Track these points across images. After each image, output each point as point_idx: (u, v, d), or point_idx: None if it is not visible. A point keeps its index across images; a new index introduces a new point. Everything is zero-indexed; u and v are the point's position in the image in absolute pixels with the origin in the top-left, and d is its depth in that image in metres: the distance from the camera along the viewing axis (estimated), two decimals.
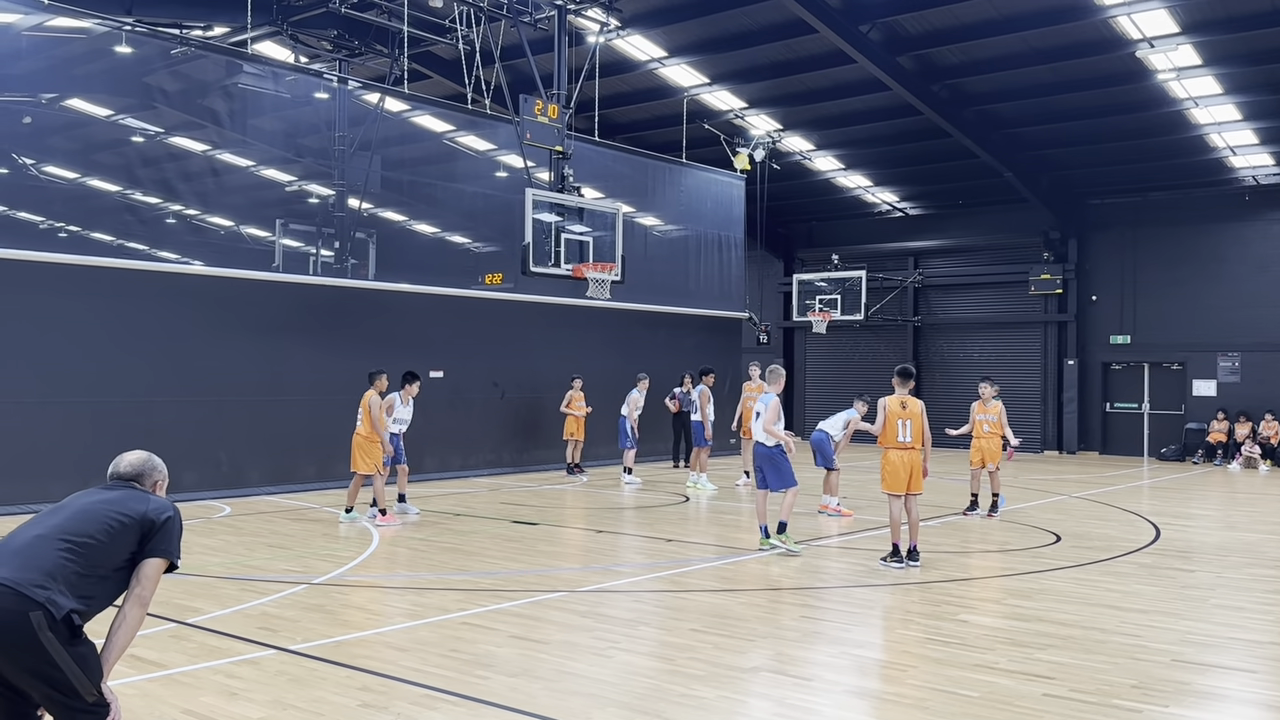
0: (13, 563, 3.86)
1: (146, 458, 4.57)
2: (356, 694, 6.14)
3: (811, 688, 6.43)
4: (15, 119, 15.16)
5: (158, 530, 4.20)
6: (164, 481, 4.61)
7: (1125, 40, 19.35)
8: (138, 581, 4.15)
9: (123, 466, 4.51)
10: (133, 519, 4.17)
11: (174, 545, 4.27)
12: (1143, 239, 26.36)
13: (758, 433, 11.50)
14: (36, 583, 3.79)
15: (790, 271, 31.32)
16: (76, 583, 3.92)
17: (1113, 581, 9.89)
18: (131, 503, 4.25)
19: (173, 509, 4.35)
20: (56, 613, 3.77)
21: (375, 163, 19.08)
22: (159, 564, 4.21)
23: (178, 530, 4.30)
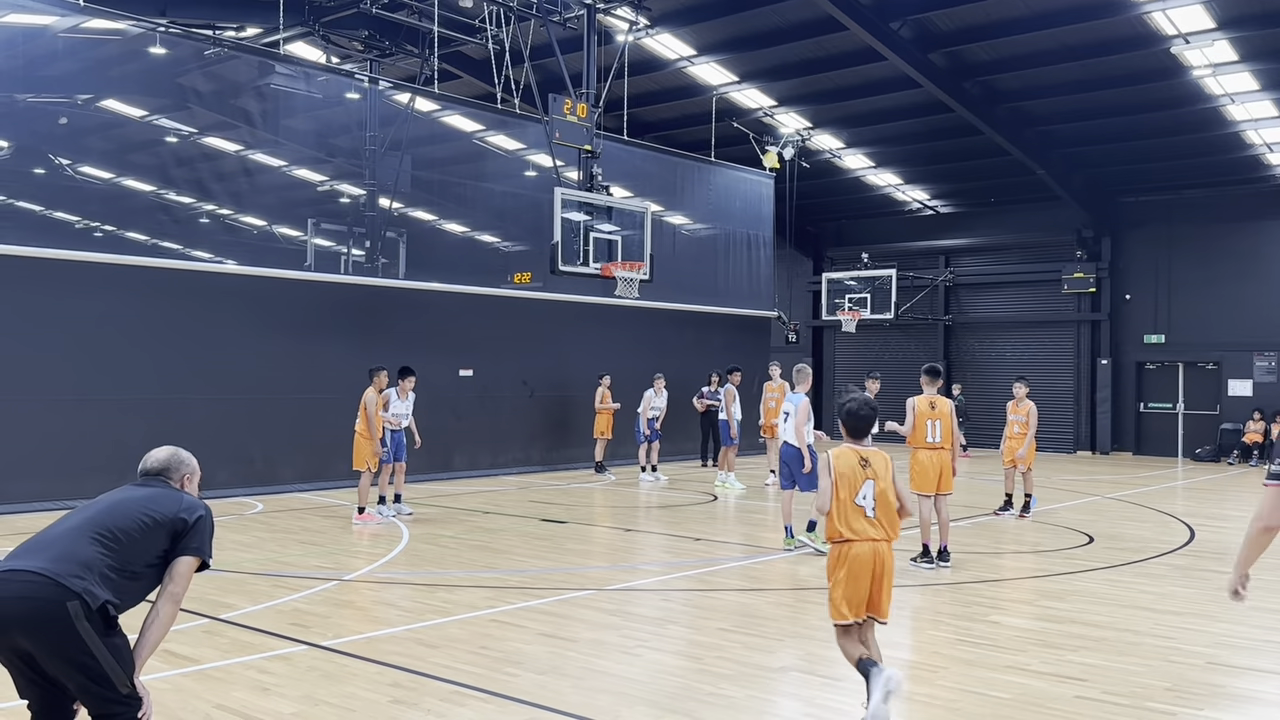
0: (48, 554, 3.91)
1: (173, 453, 4.57)
2: (387, 690, 6.18)
3: (840, 688, 6.40)
4: (52, 120, 15.36)
5: (189, 529, 4.23)
6: (193, 476, 4.61)
7: (1160, 36, 19.13)
8: (170, 579, 4.19)
9: (151, 463, 4.53)
10: (164, 517, 4.20)
11: (206, 544, 4.31)
12: (1177, 237, 26.05)
13: (786, 433, 11.46)
14: (73, 573, 3.84)
15: (819, 270, 31.21)
16: (110, 576, 3.96)
17: (1146, 583, 9.79)
18: (163, 501, 4.28)
19: (204, 508, 4.37)
20: (93, 603, 3.82)
21: (406, 162, 19.18)
22: (191, 562, 4.25)
23: (209, 529, 4.33)
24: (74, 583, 3.82)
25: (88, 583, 3.85)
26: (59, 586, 3.79)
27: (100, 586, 3.89)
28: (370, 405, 13.07)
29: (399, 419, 13.91)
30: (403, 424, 13.97)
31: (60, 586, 3.79)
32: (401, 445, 13.91)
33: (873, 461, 5.81)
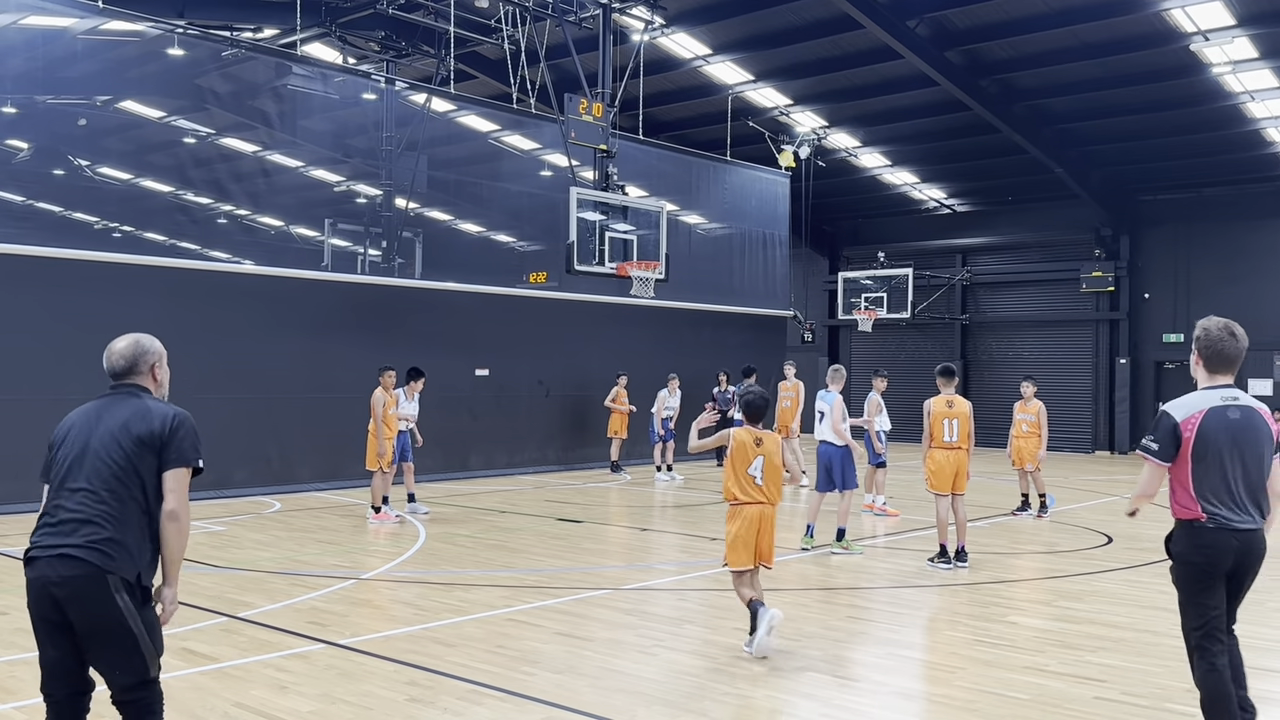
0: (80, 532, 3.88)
1: (133, 342, 4.28)
2: (404, 688, 6.19)
3: (858, 689, 6.39)
4: (71, 121, 15.47)
5: (168, 440, 4.01)
6: (160, 360, 4.32)
7: (1179, 34, 19.01)
8: (163, 497, 4.01)
9: (115, 360, 4.25)
10: (143, 441, 3.99)
11: (188, 449, 4.05)
12: (1197, 235, 25.88)
13: (823, 432, 11.44)
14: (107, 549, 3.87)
15: (835, 269, 31.13)
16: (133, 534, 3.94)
17: (1166, 584, 9.59)
18: (134, 424, 4.02)
19: (177, 413, 4.09)
20: (128, 574, 3.89)
21: (422, 162, 19.24)
22: (177, 473, 4.02)
23: (190, 432, 4.07)
24: (108, 561, 3.85)
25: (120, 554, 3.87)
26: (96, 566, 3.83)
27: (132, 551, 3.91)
28: (378, 405, 13.05)
29: (408, 421, 13.88)
30: (411, 424, 13.95)
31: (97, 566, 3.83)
32: (408, 446, 13.90)
33: (765, 441, 7.25)
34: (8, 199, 14.76)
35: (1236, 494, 4.82)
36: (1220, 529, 4.80)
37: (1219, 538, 4.81)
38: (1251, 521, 4.84)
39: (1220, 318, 5.08)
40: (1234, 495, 4.81)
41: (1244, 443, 4.83)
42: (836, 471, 11.32)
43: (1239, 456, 4.82)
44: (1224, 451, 4.81)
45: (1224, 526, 4.80)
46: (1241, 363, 4.98)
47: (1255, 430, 4.87)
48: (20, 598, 8.50)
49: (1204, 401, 4.92)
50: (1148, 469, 4.99)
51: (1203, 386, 5.04)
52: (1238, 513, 4.82)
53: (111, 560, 3.86)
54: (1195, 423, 4.86)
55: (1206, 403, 4.91)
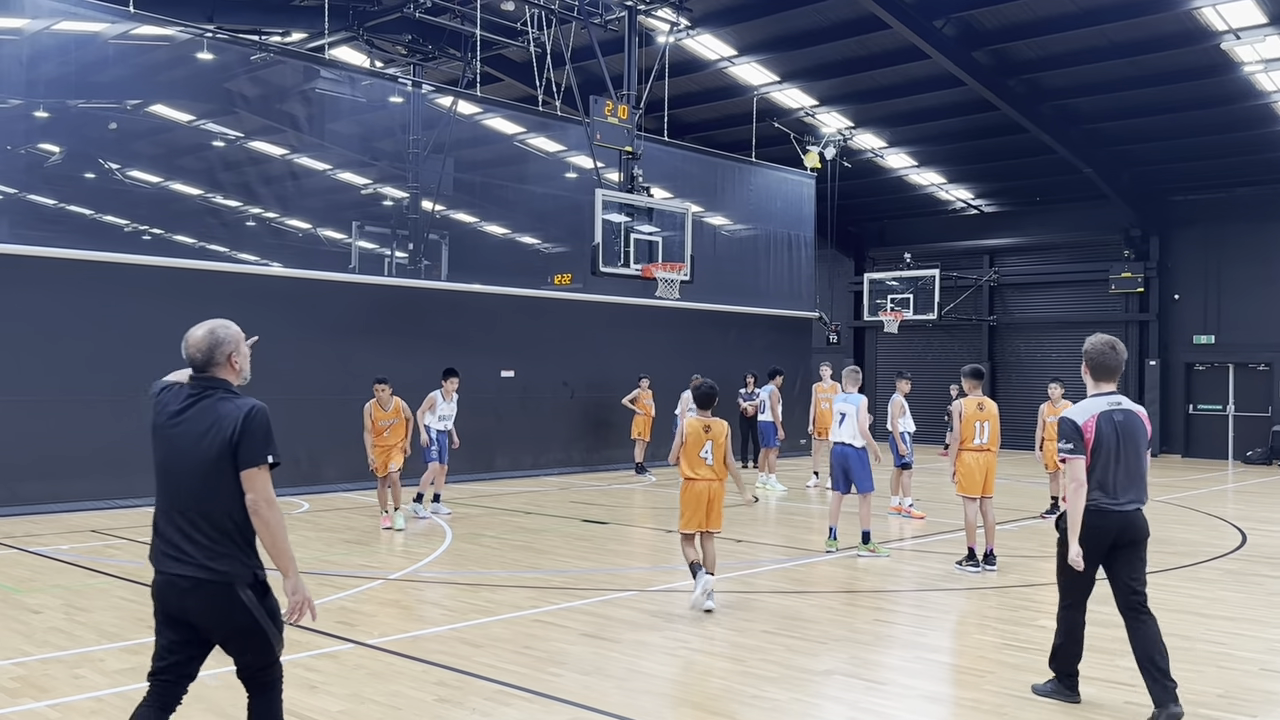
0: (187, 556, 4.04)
1: (209, 332, 4.28)
2: (433, 689, 6.22)
3: (886, 692, 6.37)
4: (102, 125, 15.63)
5: (240, 442, 4.04)
6: (238, 347, 4.35)
7: (1210, 32, 18.83)
8: (245, 495, 4.05)
9: (191, 352, 4.25)
10: (222, 455, 4.04)
11: (259, 446, 4.06)
12: (1228, 236, 25.61)
13: (844, 434, 11.38)
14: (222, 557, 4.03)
15: (861, 271, 31.03)
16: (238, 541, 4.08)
17: (1197, 588, 9.64)
18: (212, 439, 4.05)
19: (249, 411, 4.11)
20: (245, 578, 4.06)
21: (448, 165, 19.33)
22: (254, 473, 4.05)
23: (260, 427, 4.09)
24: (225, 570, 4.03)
25: (233, 559, 4.05)
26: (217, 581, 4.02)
27: (244, 555, 4.08)
28: (366, 416, 12.96)
29: (446, 420, 13.87)
30: (448, 425, 13.96)
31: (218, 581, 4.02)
32: (444, 447, 13.91)
33: (713, 427, 8.50)
34: (40, 202, 14.94)
35: (1120, 482, 5.84)
36: (1103, 511, 5.82)
37: (1102, 519, 5.83)
38: (1130, 504, 5.87)
39: (1105, 335, 6.13)
40: (1117, 483, 5.83)
41: (1127, 440, 5.87)
42: (854, 473, 11.23)
43: (1124, 452, 5.85)
44: (1113, 448, 5.83)
45: (1106, 509, 5.83)
46: (1122, 371, 6.04)
47: (1136, 430, 5.93)
48: (54, 597, 8.61)
49: (1095, 407, 5.92)
50: (1072, 464, 5.85)
51: (1091, 393, 6.05)
52: (1118, 498, 5.84)
53: (227, 573, 4.04)
54: (1092, 425, 5.86)
55: (1097, 408, 5.91)
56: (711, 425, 8.48)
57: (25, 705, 5.84)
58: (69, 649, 7.03)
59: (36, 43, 14.22)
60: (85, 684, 6.25)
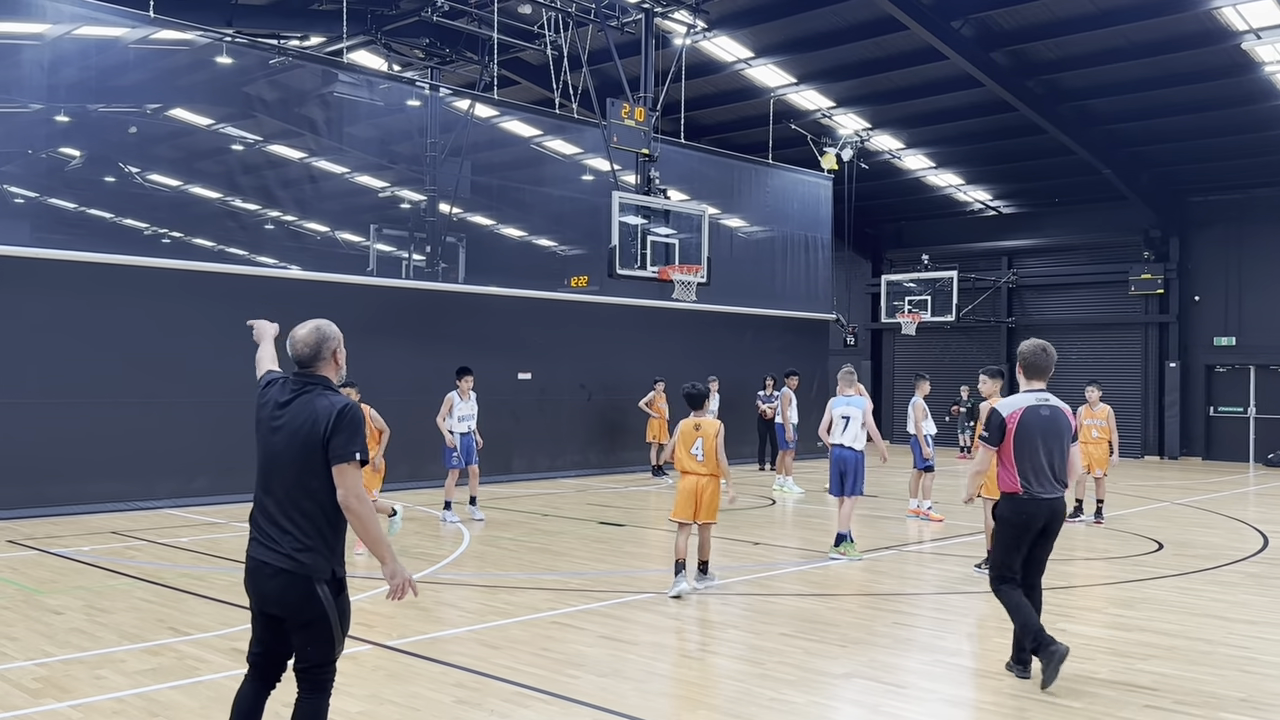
0: (276, 543, 4.19)
1: (315, 329, 4.38)
2: (451, 690, 6.23)
3: (905, 695, 6.34)
4: (122, 129, 15.73)
5: (331, 438, 4.15)
6: (339, 345, 4.44)
7: (1230, 32, 18.71)
8: (337, 491, 4.16)
9: (298, 349, 4.35)
10: (315, 448, 4.16)
11: (348, 443, 4.15)
12: (1248, 237, 25.43)
13: (846, 438, 11.31)
14: (302, 559, 4.15)
15: (878, 272, 30.95)
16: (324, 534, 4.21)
17: (1218, 591, 9.56)
18: (308, 431, 4.18)
19: (341, 410, 4.20)
20: (324, 574, 4.19)
21: (465, 168, 19.38)
22: (344, 469, 4.14)
23: (348, 427, 4.17)
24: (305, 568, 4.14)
25: (317, 555, 4.17)
26: (300, 575, 4.15)
27: (325, 552, 4.20)
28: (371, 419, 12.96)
29: (467, 421, 13.61)
30: (471, 425, 13.66)
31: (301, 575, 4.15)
32: (471, 448, 13.66)
33: (703, 426, 9.14)
34: (60, 206, 15.06)
35: (1045, 472, 6.47)
36: (1033, 498, 6.46)
37: (1034, 506, 6.46)
38: (1055, 492, 6.52)
39: (1038, 339, 6.86)
40: (1042, 473, 6.47)
41: (1051, 434, 6.51)
42: (850, 477, 11.22)
43: (1047, 444, 6.48)
44: (1037, 440, 6.47)
45: (1035, 496, 6.46)
46: (1052, 371, 6.74)
47: (1060, 424, 6.57)
48: (75, 598, 8.67)
49: (1023, 401, 6.57)
50: (981, 452, 6.73)
51: (1023, 390, 6.71)
52: (1045, 486, 6.48)
53: (308, 566, 4.16)
54: (1016, 417, 6.50)
55: (1025, 403, 6.56)
56: (701, 424, 9.13)
57: (47, 705, 5.87)
58: (90, 650, 7.07)
59: (57, 48, 14.34)
60: (106, 685, 6.29)
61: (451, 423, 13.49)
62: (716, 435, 9.08)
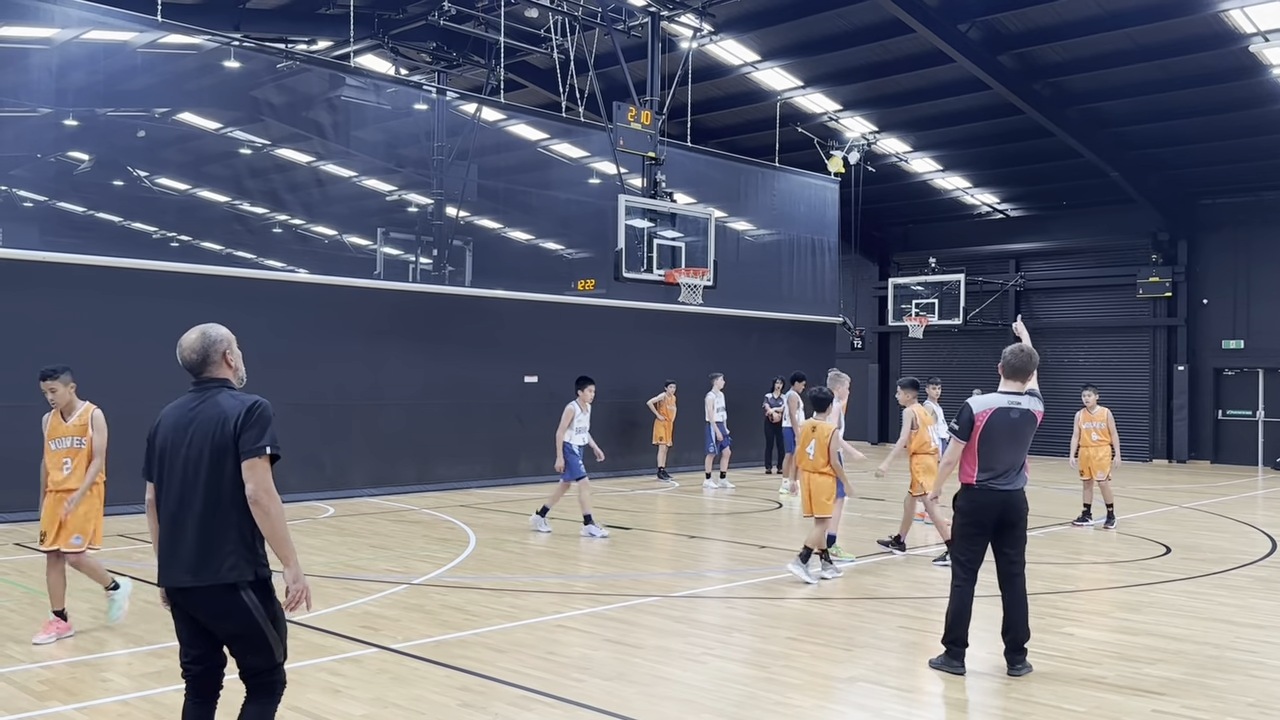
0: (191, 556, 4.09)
1: (200, 334, 4.33)
2: (456, 693, 6.23)
3: (912, 699, 6.32)
4: (130, 133, 15.80)
5: (242, 433, 4.08)
6: (231, 347, 4.37)
7: (1238, 35, 18.66)
8: (247, 489, 4.07)
9: (186, 355, 4.31)
10: (225, 448, 4.08)
11: (258, 437, 4.09)
12: (1257, 240, 25.35)
13: None
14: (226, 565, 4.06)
15: (885, 275, 30.90)
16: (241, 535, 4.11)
17: (1226, 595, 9.52)
18: (215, 432, 4.10)
19: (252, 405, 4.15)
20: (247, 577, 4.09)
21: (472, 171, 19.42)
22: (254, 463, 4.07)
23: (261, 420, 4.12)
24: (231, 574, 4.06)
25: (237, 562, 4.08)
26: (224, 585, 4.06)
27: (245, 556, 4.10)
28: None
29: (582, 433, 13.06)
30: (587, 438, 13.14)
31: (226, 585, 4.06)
32: (577, 461, 13.04)
33: (819, 428, 9.95)
34: (69, 209, 15.12)
35: (1002, 467, 6.76)
36: (990, 490, 6.77)
37: (989, 496, 6.78)
38: (1012, 485, 6.80)
39: (1021, 343, 7.33)
40: (1000, 468, 6.76)
41: (1018, 433, 6.83)
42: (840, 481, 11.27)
43: (1009, 444, 6.79)
44: (1002, 438, 6.77)
45: (992, 489, 6.77)
46: (1033, 373, 7.07)
47: (1025, 426, 6.87)
48: (81, 600, 8.67)
49: (995, 402, 6.87)
50: (951, 445, 6.97)
51: (1000, 390, 6.97)
52: (1001, 480, 6.77)
53: (231, 572, 4.07)
54: (986, 416, 6.80)
55: (996, 403, 6.86)
56: (818, 426, 9.95)
57: (53, 708, 5.89)
58: (96, 653, 7.09)
59: (66, 52, 14.39)
60: (112, 687, 6.30)
61: (570, 435, 12.90)
62: (829, 437, 9.82)
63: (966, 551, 6.85)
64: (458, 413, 17.96)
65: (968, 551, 6.85)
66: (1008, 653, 6.81)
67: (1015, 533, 6.86)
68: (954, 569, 6.93)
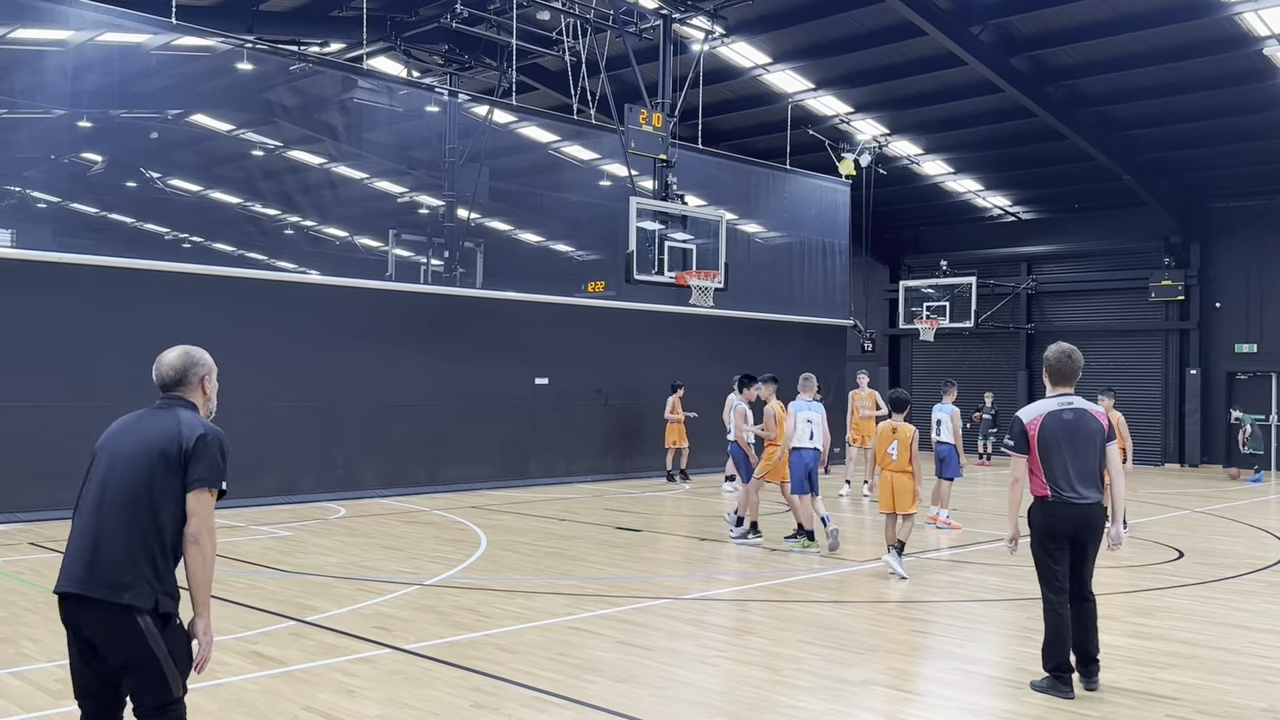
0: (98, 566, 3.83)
1: (182, 354, 4.18)
2: (469, 694, 6.24)
3: (924, 703, 6.31)
4: (144, 135, 15.88)
5: (192, 459, 3.87)
6: (210, 374, 4.21)
7: (1251, 37, 18.60)
8: (188, 521, 3.86)
9: (164, 372, 4.14)
10: (165, 459, 3.87)
11: (211, 469, 3.90)
12: (1270, 243, 25.24)
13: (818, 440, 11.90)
14: (125, 583, 3.79)
15: (896, 278, 30.85)
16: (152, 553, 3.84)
17: (1239, 600, 9.48)
18: (163, 441, 3.90)
19: (205, 428, 3.96)
20: (146, 603, 3.80)
21: (483, 173, 19.47)
22: (199, 495, 3.87)
23: (215, 451, 3.92)
24: (126, 595, 3.78)
25: (137, 581, 3.79)
26: (120, 605, 3.78)
27: (149, 576, 3.81)
28: None
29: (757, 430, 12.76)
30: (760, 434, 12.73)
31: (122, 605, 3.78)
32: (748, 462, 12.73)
33: (900, 430, 10.45)
34: (82, 210, 15.21)
35: (1071, 476, 6.39)
36: (1062, 503, 6.40)
37: (1061, 509, 6.40)
38: (1085, 498, 6.40)
39: (1065, 344, 6.85)
40: (1070, 477, 6.39)
41: (1076, 438, 6.44)
42: (816, 476, 11.99)
43: (1072, 448, 6.42)
44: (1061, 444, 6.42)
45: (1064, 501, 6.39)
46: (1078, 376, 6.72)
47: (1086, 427, 6.49)
48: None
49: (1045, 408, 6.57)
50: (1013, 462, 6.61)
51: (1048, 395, 6.68)
52: (1074, 490, 6.39)
53: (128, 591, 3.78)
54: (1037, 424, 6.49)
55: (1046, 409, 6.56)
56: (898, 428, 10.46)
57: (69, 707, 5.89)
58: None
59: (80, 54, 14.47)
60: None
61: (746, 432, 12.65)
62: (911, 438, 10.35)
63: (1051, 567, 6.46)
64: (468, 414, 18.00)
65: (1053, 568, 6.45)
66: (1081, 665, 6.49)
67: (1085, 550, 6.47)
68: (1042, 589, 6.55)
